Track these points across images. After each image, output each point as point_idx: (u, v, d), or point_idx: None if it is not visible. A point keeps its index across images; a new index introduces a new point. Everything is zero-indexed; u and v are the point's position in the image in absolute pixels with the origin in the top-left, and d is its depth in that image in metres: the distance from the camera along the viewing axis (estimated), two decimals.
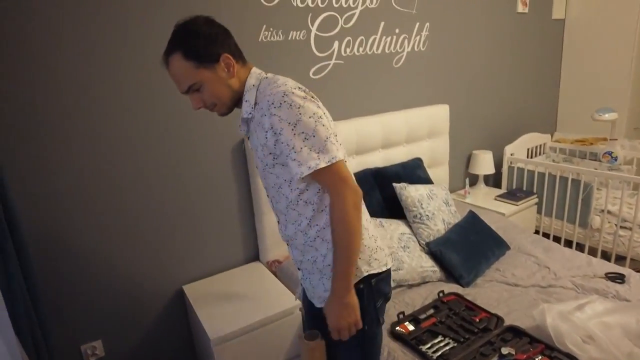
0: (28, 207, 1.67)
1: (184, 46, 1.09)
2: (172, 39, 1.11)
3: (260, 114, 1.11)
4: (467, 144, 3.22)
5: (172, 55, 1.10)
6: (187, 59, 1.09)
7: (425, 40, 2.75)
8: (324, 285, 1.23)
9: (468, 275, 2.06)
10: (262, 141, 1.13)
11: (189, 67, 1.09)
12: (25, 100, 1.61)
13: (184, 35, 1.09)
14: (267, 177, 1.20)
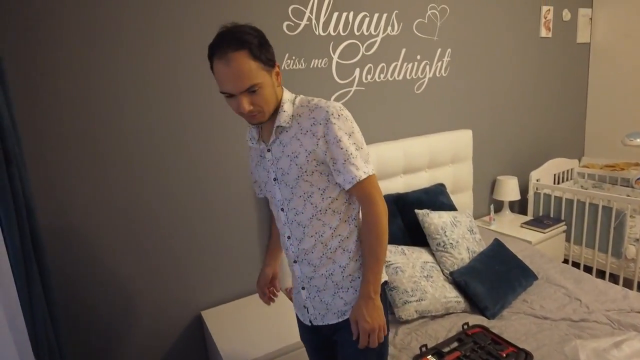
0: (51, 234, 1.71)
1: (250, 45, 1.07)
2: (232, 36, 1.07)
3: (309, 123, 1.18)
4: (491, 170, 3.16)
5: (237, 51, 1.06)
6: (254, 58, 1.08)
7: (447, 66, 2.75)
8: (343, 299, 1.28)
9: (494, 306, 1.98)
10: (308, 147, 1.18)
11: (255, 66, 1.08)
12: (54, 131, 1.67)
13: (248, 35, 1.08)
14: (299, 185, 1.21)
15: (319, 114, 1.17)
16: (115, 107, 1.77)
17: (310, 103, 1.21)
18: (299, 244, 1.27)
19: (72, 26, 1.64)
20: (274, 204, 1.32)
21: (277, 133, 1.22)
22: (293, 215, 1.25)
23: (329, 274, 1.27)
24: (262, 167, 1.30)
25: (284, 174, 1.23)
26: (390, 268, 2.03)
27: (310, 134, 1.18)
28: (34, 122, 1.63)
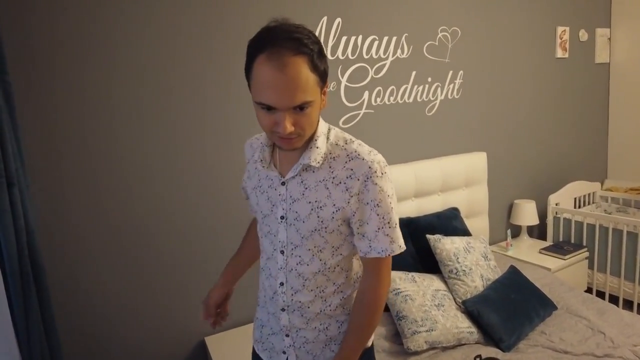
0: (51, 257, 1.71)
1: (312, 52, 0.89)
2: (290, 36, 0.88)
3: (345, 175, 1.00)
4: (507, 193, 3.07)
5: (297, 56, 0.87)
6: (313, 69, 0.90)
7: (459, 87, 2.71)
8: (333, 352, 1.15)
9: (509, 338, 1.88)
10: (338, 203, 1.02)
11: (312, 79, 0.90)
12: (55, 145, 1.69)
13: (308, 39, 0.89)
14: (312, 238, 1.05)
15: (360, 167, 0.99)
16: (117, 130, 1.80)
17: (349, 146, 1.03)
18: (293, 294, 1.11)
19: (69, 50, 1.68)
20: (268, 240, 1.13)
21: (301, 170, 1.04)
22: (295, 263, 1.09)
23: (324, 327, 1.13)
24: (265, 195, 1.10)
25: (298, 219, 1.05)
26: (400, 296, 1.95)
27: (343, 187, 1.01)
28: (37, 143, 1.65)
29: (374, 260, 1.04)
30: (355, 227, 1.04)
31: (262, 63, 0.88)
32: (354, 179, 0.99)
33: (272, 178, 1.08)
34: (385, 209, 1.01)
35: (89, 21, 1.67)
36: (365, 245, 1.04)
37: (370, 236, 1.02)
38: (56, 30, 1.62)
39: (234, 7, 1.95)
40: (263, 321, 1.21)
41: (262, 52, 0.88)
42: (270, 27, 0.91)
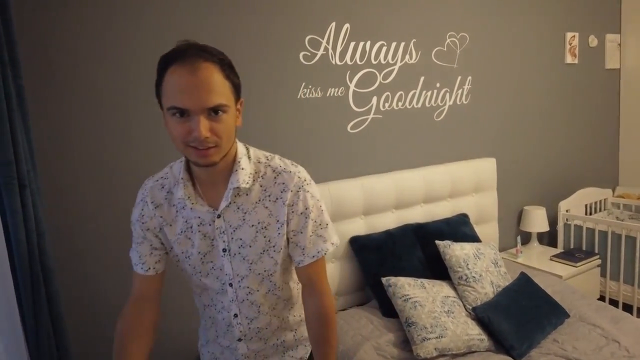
0: (60, 258, 1.72)
1: (223, 61, 0.91)
2: (200, 47, 0.90)
3: (278, 190, 1.02)
4: (517, 200, 3.04)
5: (207, 61, 0.88)
6: (225, 76, 0.90)
7: (467, 93, 2.70)
8: (292, 357, 1.21)
9: (521, 345, 1.84)
10: (280, 218, 1.02)
11: (227, 86, 0.91)
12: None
13: (218, 52, 0.92)
14: (262, 261, 1.05)
15: (290, 179, 1.02)
16: (137, 128, 1.81)
17: (272, 162, 1.04)
18: (250, 322, 1.12)
19: (81, 54, 1.70)
20: (213, 276, 1.07)
21: (233, 196, 1.00)
22: (245, 294, 1.08)
23: (280, 341, 1.18)
24: (199, 234, 1.03)
25: (244, 246, 1.03)
26: (409, 302, 1.93)
27: (280, 202, 1.02)
28: (49, 145, 1.67)
29: (309, 270, 1.07)
30: (290, 237, 1.05)
31: (173, 71, 0.88)
32: (287, 192, 1.02)
33: (200, 215, 1.01)
34: (316, 212, 1.05)
35: (102, 25, 1.69)
36: (300, 253, 1.06)
37: (305, 243, 1.05)
38: (69, 34, 1.64)
39: (243, 10, 1.96)
40: (216, 354, 1.21)
41: (173, 61, 0.88)
42: (180, 45, 0.91)
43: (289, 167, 1.04)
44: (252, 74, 2.01)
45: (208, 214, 1.01)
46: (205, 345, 1.24)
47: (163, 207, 1.04)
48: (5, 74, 1.22)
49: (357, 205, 2.26)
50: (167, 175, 1.05)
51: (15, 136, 1.25)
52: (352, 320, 2.07)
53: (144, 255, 1.06)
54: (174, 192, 1.03)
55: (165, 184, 1.05)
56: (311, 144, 2.22)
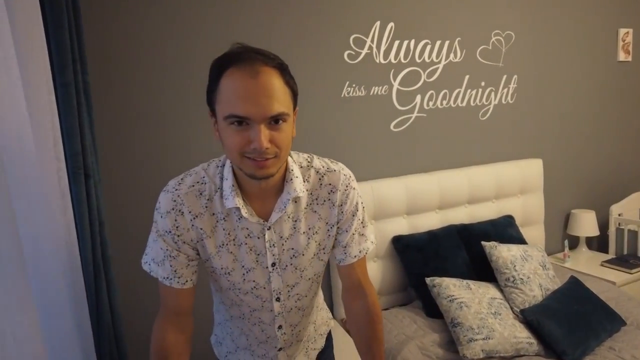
0: (117, 249, 1.79)
1: (282, 65, 0.85)
2: (259, 51, 0.83)
3: (325, 191, 0.97)
4: (565, 202, 2.93)
5: (268, 65, 0.81)
6: (285, 82, 0.84)
7: (513, 92, 2.64)
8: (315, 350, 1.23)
9: (573, 351, 1.77)
10: (330, 221, 0.99)
11: (287, 92, 0.84)
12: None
13: (280, 60, 0.86)
14: (312, 266, 1.01)
15: (336, 179, 0.97)
16: (190, 126, 1.87)
17: (314, 164, 0.98)
18: (293, 329, 1.09)
19: (145, 51, 1.78)
20: (252, 295, 1.00)
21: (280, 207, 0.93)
22: (294, 302, 1.04)
23: (307, 337, 1.19)
24: (244, 248, 0.95)
25: (296, 255, 0.98)
26: (455, 303, 1.90)
27: (329, 204, 0.98)
28: (109, 140, 1.75)
29: (353, 270, 1.05)
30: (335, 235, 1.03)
31: (231, 74, 0.80)
32: (335, 192, 0.98)
33: (248, 226, 0.93)
34: (361, 210, 1.03)
35: (163, 23, 1.77)
36: (341, 253, 1.04)
37: (348, 242, 1.02)
38: (134, 33, 1.73)
39: (290, 9, 2.00)
40: None
41: (230, 66, 0.80)
42: (235, 48, 0.84)
43: (331, 167, 0.99)
44: (297, 72, 2.02)
45: (258, 226, 0.94)
46: (234, 352, 1.17)
47: (203, 217, 0.92)
48: (75, 70, 1.29)
49: (400, 204, 2.24)
50: (203, 180, 0.93)
51: (82, 129, 1.32)
52: (395, 319, 2.05)
53: (181, 268, 0.95)
54: (214, 201, 0.92)
55: (204, 190, 0.92)
56: (354, 142, 2.22)
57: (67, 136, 1.27)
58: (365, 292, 1.06)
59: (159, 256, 0.95)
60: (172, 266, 0.95)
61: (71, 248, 1.29)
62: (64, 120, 1.26)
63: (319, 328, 1.24)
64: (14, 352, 0.98)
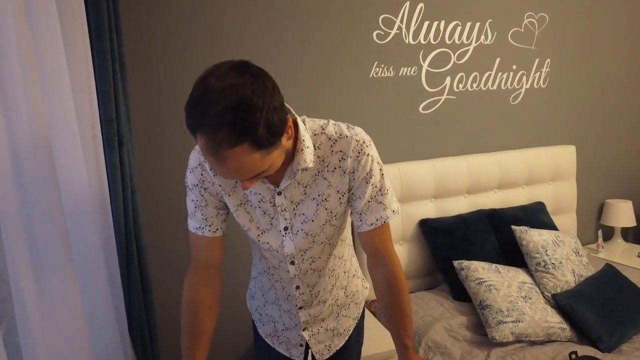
0: (147, 217, 1.82)
1: (254, 134, 0.76)
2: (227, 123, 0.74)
3: (336, 158, 0.96)
4: (599, 191, 2.83)
5: (234, 148, 0.76)
6: (259, 149, 0.78)
7: (546, 76, 2.56)
8: (347, 317, 1.23)
9: (609, 338, 1.71)
10: (341, 188, 0.98)
11: (259, 157, 0.80)
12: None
13: (250, 114, 0.75)
14: (324, 231, 1.02)
15: (347, 145, 0.95)
16: None
17: (327, 130, 0.97)
18: (311, 289, 1.12)
19: (191, 28, 1.80)
20: (270, 253, 1.05)
21: (290, 175, 0.95)
22: (308, 265, 1.07)
23: (334, 300, 1.18)
24: (259, 210, 1.00)
25: (306, 221, 1.00)
26: (483, 285, 1.86)
27: (339, 171, 0.97)
28: (143, 111, 1.78)
29: (372, 237, 1.02)
30: (350, 200, 1.02)
31: (202, 148, 0.78)
32: (346, 159, 0.96)
33: (259, 192, 0.97)
34: (377, 177, 0.99)
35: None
36: (357, 219, 1.02)
37: (362, 209, 1.00)
38: (169, 8, 1.76)
39: None
40: (274, 317, 1.21)
41: (199, 134, 0.77)
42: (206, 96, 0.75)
43: (344, 132, 0.97)
44: (325, 51, 2.04)
45: (268, 191, 0.97)
46: (263, 307, 1.22)
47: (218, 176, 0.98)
48: (112, 39, 1.32)
49: (428, 187, 2.21)
50: None
51: (117, 98, 1.35)
52: (422, 302, 2.02)
53: (211, 217, 1.01)
54: None
55: None
56: (382, 123, 2.20)
57: (103, 103, 1.30)
58: (385, 261, 1.04)
59: (191, 208, 1.02)
60: (203, 214, 1.00)
61: (105, 215, 1.32)
62: (100, 87, 1.29)
63: (353, 296, 1.23)
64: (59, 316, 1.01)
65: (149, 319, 1.50)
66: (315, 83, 2.04)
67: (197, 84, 0.78)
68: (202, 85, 0.77)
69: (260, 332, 1.27)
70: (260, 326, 1.26)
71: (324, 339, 1.22)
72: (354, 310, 1.25)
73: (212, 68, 0.79)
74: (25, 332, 0.91)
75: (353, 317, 1.25)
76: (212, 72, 0.78)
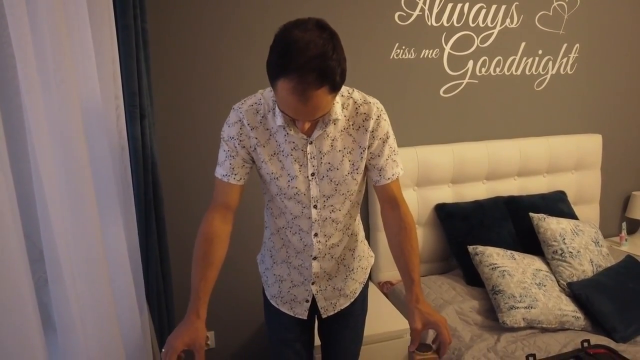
0: (167, 191, 1.88)
1: (334, 79, 0.93)
2: (316, 64, 0.88)
3: (361, 119, 1.13)
4: (625, 183, 2.75)
5: (319, 89, 0.91)
6: (333, 92, 0.95)
7: (573, 62, 2.49)
8: (355, 280, 1.33)
9: (625, 329, 1.69)
10: (363, 144, 1.14)
11: (331, 99, 0.97)
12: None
13: (332, 61, 0.91)
14: (346, 182, 1.16)
15: (370, 109, 1.13)
16: (243, 77, 1.91)
17: (353, 95, 1.14)
18: (327, 240, 1.22)
19: (208, 15, 1.83)
20: (294, 200, 1.16)
21: (325, 126, 1.10)
22: (328, 212, 1.19)
23: (342, 259, 1.29)
24: (290, 158, 1.13)
25: (332, 169, 1.14)
26: (497, 271, 1.85)
27: (363, 130, 1.13)
28: (165, 86, 1.83)
29: (389, 188, 1.19)
30: (369, 160, 1.17)
31: (285, 89, 0.91)
32: (369, 120, 1.12)
33: (295, 140, 1.11)
34: (392, 139, 1.18)
35: None
36: (379, 175, 1.18)
37: (383, 165, 1.17)
38: None
39: None
40: (282, 276, 1.30)
41: (285, 76, 0.90)
42: (295, 46, 0.89)
43: (367, 99, 1.15)
44: (346, 32, 2.02)
45: (302, 140, 1.11)
46: (270, 268, 1.33)
47: (258, 129, 1.12)
48: (135, 15, 1.35)
49: (446, 172, 2.19)
50: (260, 102, 1.12)
51: (139, 72, 1.39)
52: (434, 285, 2.03)
53: (237, 167, 1.15)
54: (268, 118, 1.11)
55: (260, 109, 1.12)
56: (401, 106, 2.19)
57: (126, 76, 1.34)
58: (399, 204, 1.21)
59: (221, 157, 1.16)
60: (231, 164, 1.14)
61: (127, 186, 1.37)
62: (123, 61, 1.33)
63: (359, 260, 1.34)
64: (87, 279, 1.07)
65: (166, 287, 1.56)
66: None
67: (283, 35, 0.92)
68: (289, 37, 0.91)
69: (266, 294, 1.36)
70: (267, 288, 1.36)
71: (330, 296, 1.30)
72: (360, 274, 1.35)
73: (293, 22, 0.94)
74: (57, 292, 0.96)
75: (360, 282, 1.35)
76: (296, 25, 0.93)
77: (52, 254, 0.94)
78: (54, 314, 1.00)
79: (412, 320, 1.12)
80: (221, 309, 2.03)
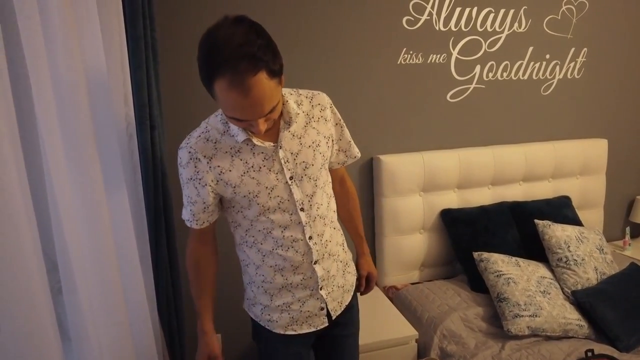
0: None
1: (267, 61, 0.90)
2: (242, 52, 0.87)
3: (317, 110, 1.18)
4: (629, 187, 2.75)
5: (255, 75, 0.88)
6: (272, 77, 0.92)
7: (581, 67, 2.48)
8: (350, 273, 1.36)
9: (628, 338, 1.70)
10: (326, 134, 1.20)
11: (274, 85, 0.93)
12: None
13: (258, 45, 0.89)
14: (321, 175, 1.19)
15: (322, 100, 1.20)
16: None
17: (301, 91, 1.20)
18: (321, 239, 1.20)
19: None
20: (279, 213, 1.13)
21: (286, 126, 1.11)
22: (315, 210, 1.17)
23: (337, 255, 1.29)
24: (264, 170, 1.11)
25: (307, 167, 1.14)
26: (502, 278, 1.86)
27: (322, 120, 1.19)
28: (175, 95, 1.83)
29: (342, 169, 1.38)
30: (333, 146, 1.25)
31: (224, 89, 0.89)
32: (325, 109, 1.19)
33: (262, 151, 1.10)
34: (343, 124, 1.27)
35: None
36: (343, 157, 1.31)
37: (347, 147, 1.29)
38: None
39: None
40: (287, 302, 1.22)
41: (220, 76, 0.88)
42: (218, 43, 0.89)
43: (314, 92, 1.21)
44: (354, 36, 2.02)
45: (271, 148, 1.11)
46: (269, 304, 1.24)
47: (216, 157, 1.09)
48: (145, 25, 1.35)
49: (452, 177, 2.20)
50: (207, 129, 1.12)
51: (149, 83, 1.39)
52: (439, 291, 2.05)
53: (198, 213, 1.17)
54: (222, 142, 1.09)
55: (209, 136, 1.10)
56: (408, 110, 2.19)
57: (136, 88, 1.34)
58: (346, 180, 1.43)
59: (184, 200, 1.19)
60: (192, 211, 1.17)
61: (137, 196, 1.38)
62: (133, 73, 1.33)
63: (347, 252, 1.37)
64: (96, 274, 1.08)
65: (176, 296, 1.57)
66: (342, 67, 2.03)
67: (205, 40, 0.92)
68: (210, 38, 0.91)
69: (276, 332, 1.26)
70: (275, 326, 1.25)
71: (337, 295, 1.30)
72: (352, 266, 1.40)
73: (212, 26, 0.93)
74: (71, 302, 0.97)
75: (353, 273, 1.39)
76: (214, 27, 0.92)
77: (66, 264, 0.95)
78: (67, 324, 1.02)
79: (361, 269, 1.47)
80: (227, 311, 2.05)
